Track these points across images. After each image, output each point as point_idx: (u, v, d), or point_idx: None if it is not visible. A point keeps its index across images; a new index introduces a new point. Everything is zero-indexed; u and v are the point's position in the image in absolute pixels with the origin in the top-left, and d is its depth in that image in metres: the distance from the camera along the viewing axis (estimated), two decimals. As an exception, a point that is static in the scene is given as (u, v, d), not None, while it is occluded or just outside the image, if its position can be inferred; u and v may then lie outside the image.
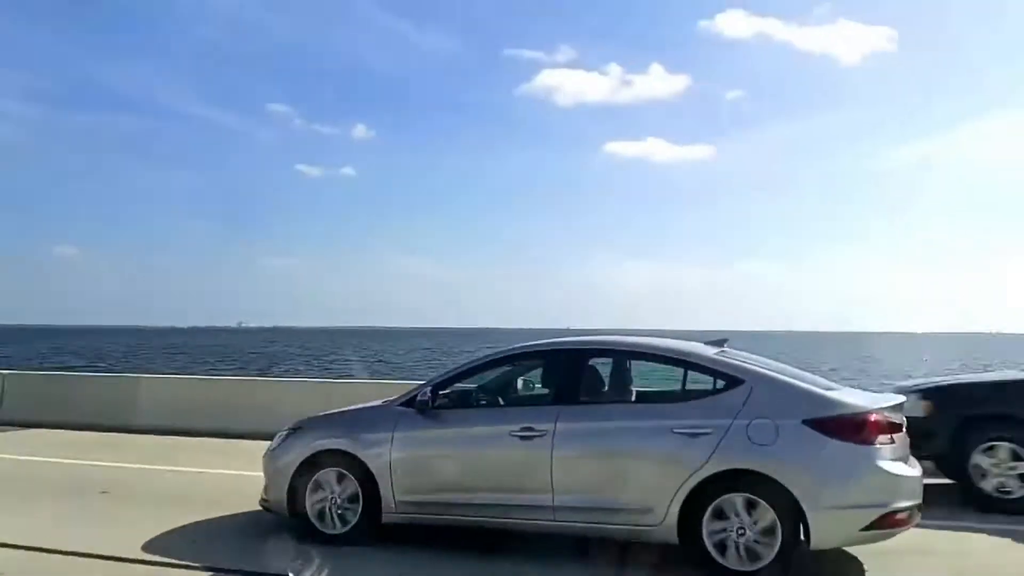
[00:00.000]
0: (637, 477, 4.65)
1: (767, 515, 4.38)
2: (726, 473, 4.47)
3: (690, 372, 4.96)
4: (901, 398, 4.97)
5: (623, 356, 5.31)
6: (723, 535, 4.45)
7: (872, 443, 4.40)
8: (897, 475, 4.41)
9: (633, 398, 5.24)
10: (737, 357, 5.04)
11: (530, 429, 4.85)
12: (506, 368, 5.48)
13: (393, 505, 5.10)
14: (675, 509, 4.52)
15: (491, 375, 5.44)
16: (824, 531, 4.34)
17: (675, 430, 4.59)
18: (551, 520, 4.80)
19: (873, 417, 4.45)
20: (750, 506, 4.42)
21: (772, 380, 4.74)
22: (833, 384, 5.09)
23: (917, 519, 4.57)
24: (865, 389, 5.62)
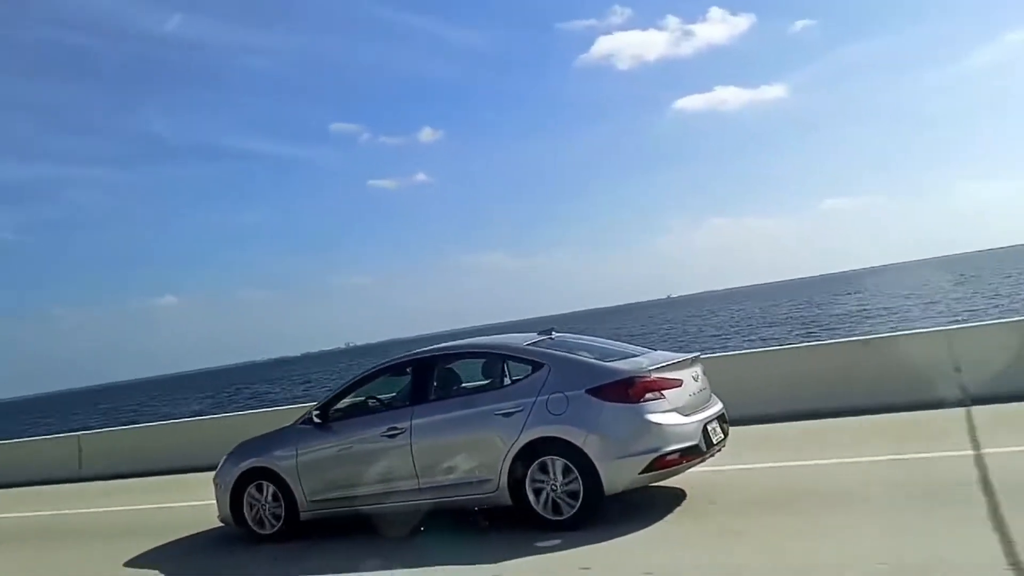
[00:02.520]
0: (475, 455, 5.75)
1: (570, 471, 5.42)
2: (535, 442, 5.52)
3: (508, 362, 6.07)
4: (679, 357, 5.89)
5: (461, 357, 6.43)
6: (542, 492, 5.51)
7: (638, 401, 5.37)
8: (664, 424, 5.36)
9: (470, 391, 6.31)
10: (551, 344, 6.07)
11: (394, 428, 6.02)
12: (380, 380, 6.63)
13: (306, 504, 6.36)
14: (504, 476, 5.60)
15: (370, 387, 6.61)
16: (611, 478, 5.35)
17: (495, 412, 5.68)
18: (420, 499, 5.96)
19: (637, 380, 5.43)
20: (557, 466, 5.46)
21: (566, 360, 5.77)
22: (638, 350, 6.10)
23: (697, 457, 5.52)
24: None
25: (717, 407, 5.96)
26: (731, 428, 6.12)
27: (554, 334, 6.32)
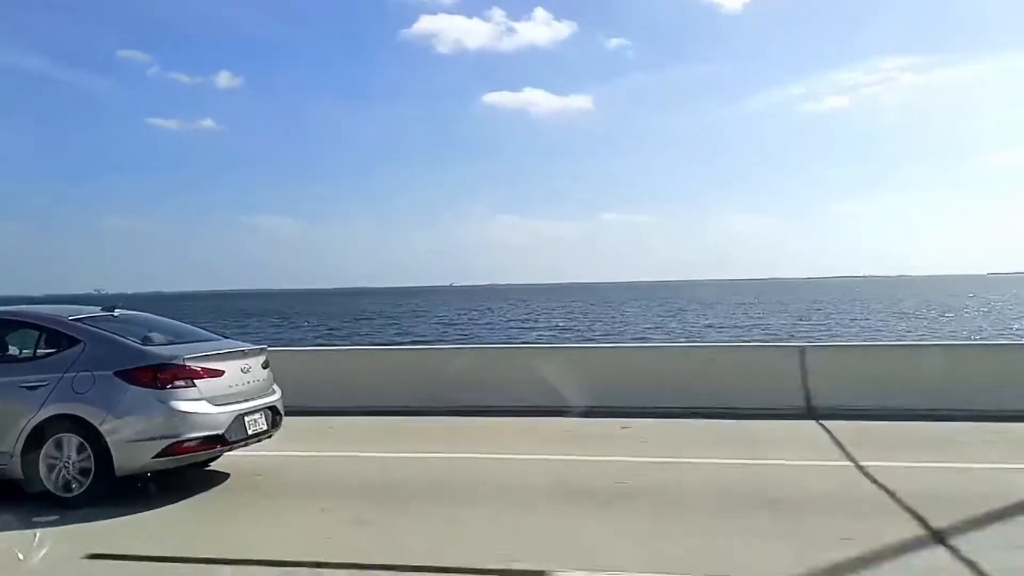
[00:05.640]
0: (-5, 425, 5.55)
1: (84, 449, 5.41)
2: (54, 418, 5.45)
3: (47, 334, 5.91)
4: (232, 347, 6.11)
5: (2, 324, 6.17)
6: (56, 468, 5.45)
7: (164, 388, 5.47)
8: (186, 412, 5.49)
9: (3, 359, 6.06)
10: (102, 321, 5.98)
11: None
12: None
13: None
14: (19, 449, 5.47)
15: None
16: (124, 460, 5.42)
17: (20, 384, 5.54)
18: None
19: (168, 367, 5.53)
20: (73, 443, 5.44)
21: (103, 338, 5.73)
22: (206, 336, 6.33)
23: (223, 446, 5.75)
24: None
25: (268, 399, 6.18)
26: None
27: (117, 311, 6.24)
